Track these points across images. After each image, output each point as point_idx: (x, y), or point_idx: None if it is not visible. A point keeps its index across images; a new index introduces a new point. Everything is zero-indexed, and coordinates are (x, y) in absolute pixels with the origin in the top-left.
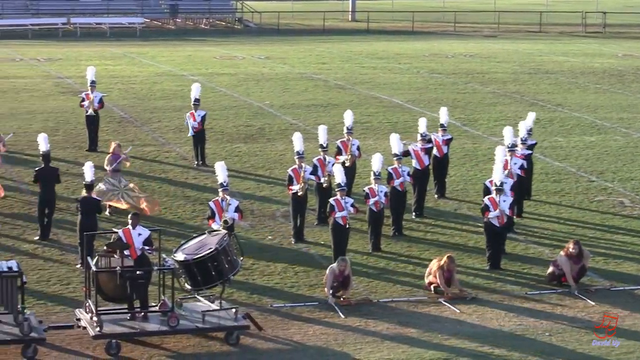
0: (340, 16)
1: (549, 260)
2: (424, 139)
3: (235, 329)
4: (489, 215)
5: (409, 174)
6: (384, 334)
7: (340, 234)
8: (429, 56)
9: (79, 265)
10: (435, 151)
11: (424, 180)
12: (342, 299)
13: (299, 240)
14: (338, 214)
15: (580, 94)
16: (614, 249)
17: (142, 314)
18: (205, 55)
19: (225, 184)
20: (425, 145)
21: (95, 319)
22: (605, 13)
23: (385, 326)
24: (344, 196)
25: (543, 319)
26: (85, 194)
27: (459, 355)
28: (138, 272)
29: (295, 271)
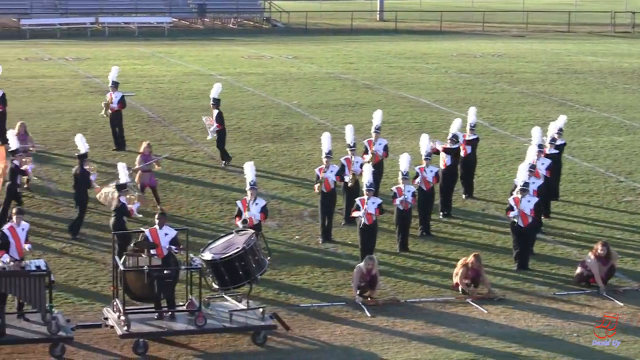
0: (368, 16)
1: (577, 261)
2: (452, 139)
3: (263, 329)
4: (510, 214)
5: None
6: (411, 334)
7: (367, 234)
8: (457, 56)
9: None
10: (461, 151)
11: (450, 180)
12: (370, 299)
13: (326, 240)
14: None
15: (609, 94)
16: None
17: (170, 313)
18: (233, 54)
19: (253, 184)
20: (449, 145)
21: (122, 318)
22: (634, 13)
23: (412, 326)
24: (371, 196)
25: (571, 319)
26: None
27: (486, 356)
28: (165, 272)
29: (322, 271)
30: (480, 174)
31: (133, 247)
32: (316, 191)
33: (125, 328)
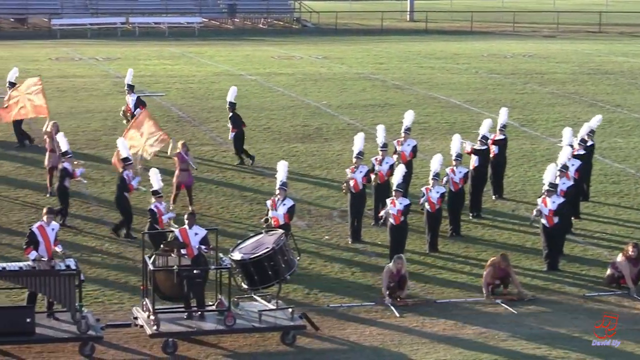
0: (399, 16)
1: (607, 262)
2: (481, 140)
3: (292, 329)
4: (532, 215)
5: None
6: (441, 334)
7: (398, 234)
8: (488, 56)
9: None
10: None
11: (479, 181)
12: (399, 300)
13: (355, 240)
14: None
15: None
16: None
17: (199, 313)
18: (263, 55)
19: (283, 184)
20: (478, 146)
21: (152, 317)
22: None
23: (441, 327)
24: (399, 197)
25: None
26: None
27: (516, 357)
28: (195, 271)
29: (352, 271)
30: (511, 174)
31: (163, 247)
32: (344, 192)
33: (155, 327)
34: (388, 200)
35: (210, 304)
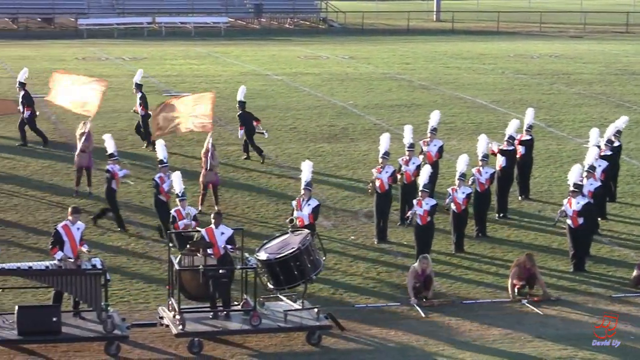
0: (425, 16)
1: (634, 263)
2: (508, 141)
3: (317, 329)
4: (556, 216)
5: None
6: (466, 335)
7: (424, 234)
8: (514, 57)
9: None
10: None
11: (506, 182)
12: (425, 300)
13: (381, 240)
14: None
15: None
16: None
17: (225, 312)
18: (290, 54)
19: (308, 184)
20: (505, 147)
21: (178, 317)
22: None
23: (467, 327)
24: (426, 197)
25: (628, 322)
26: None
27: (542, 358)
28: (221, 271)
29: (377, 271)
30: (537, 175)
31: (189, 247)
32: (369, 192)
33: (181, 327)
34: (414, 201)
35: (236, 303)
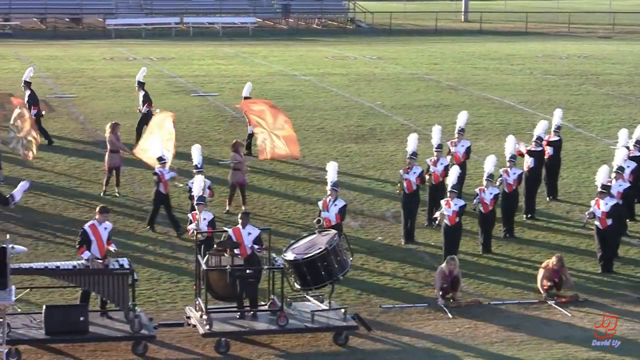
0: (453, 16)
1: None
2: (536, 141)
3: (344, 329)
4: (585, 217)
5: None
6: (494, 336)
7: (451, 235)
8: (542, 57)
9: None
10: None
11: (534, 182)
12: (452, 301)
13: (409, 240)
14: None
15: None
16: None
17: (252, 312)
18: (317, 55)
19: (334, 184)
20: (533, 148)
21: (205, 317)
22: None
23: (494, 328)
24: (454, 198)
25: None
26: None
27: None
28: (248, 271)
29: (404, 272)
30: (565, 176)
31: (216, 247)
32: (397, 193)
33: (208, 327)
34: (442, 202)
35: (263, 303)
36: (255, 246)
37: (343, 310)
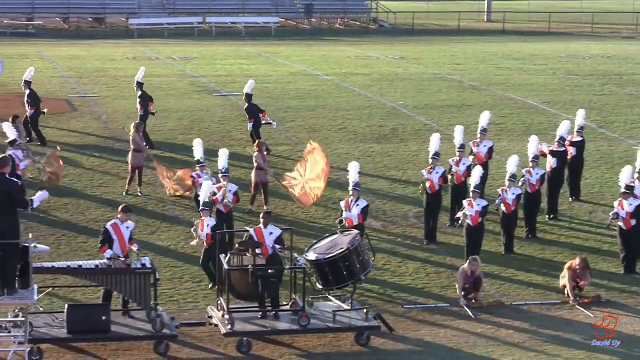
0: (476, 17)
1: None
2: (559, 142)
3: (366, 330)
4: (609, 218)
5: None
6: (516, 337)
7: (474, 235)
8: (566, 57)
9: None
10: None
11: (556, 183)
12: (474, 301)
13: (431, 241)
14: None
15: None
16: None
17: (274, 312)
18: (340, 55)
19: (356, 184)
20: (556, 148)
21: (227, 317)
22: None
23: (517, 329)
24: (477, 198)
25: None
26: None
27: None
28: (270, 271)
29: (427, 272)
30: (588, 176)
31: (238, 247)
32: (420, 193)
33: (230, 327)
34: (465, 202)
35: (285, 303)
36: (277, 246)
37: (365, 310)
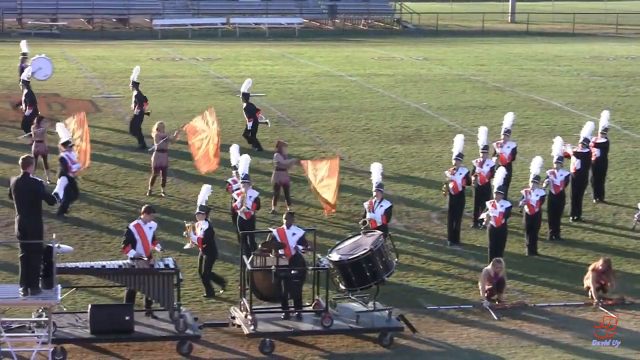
0: (500, 17)
1: None
2: (583, 143)
3: (389, 330)
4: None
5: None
6: (539, 338)
7: (497, 237)
8: (590, 58)
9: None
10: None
11: (580, 184)
12: (497, 302)
13: (454, 242)
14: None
15: None
16: None
17: (296, 313)
18: (363, 55)
19: (379, 185)
20: (580, 149)
21: (249, 317)
22: None
23: (540, 330)
24: (500, 199)
25: None
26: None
27: None
28: (293, 272)
29: (450, 273)
30: (612, 178)
31: (261, 247)
32: (443, 194)
33: (252, 327)
34: (488, 203)
35: (308, 304)
36: (300, 247)
37: (388, 311)
